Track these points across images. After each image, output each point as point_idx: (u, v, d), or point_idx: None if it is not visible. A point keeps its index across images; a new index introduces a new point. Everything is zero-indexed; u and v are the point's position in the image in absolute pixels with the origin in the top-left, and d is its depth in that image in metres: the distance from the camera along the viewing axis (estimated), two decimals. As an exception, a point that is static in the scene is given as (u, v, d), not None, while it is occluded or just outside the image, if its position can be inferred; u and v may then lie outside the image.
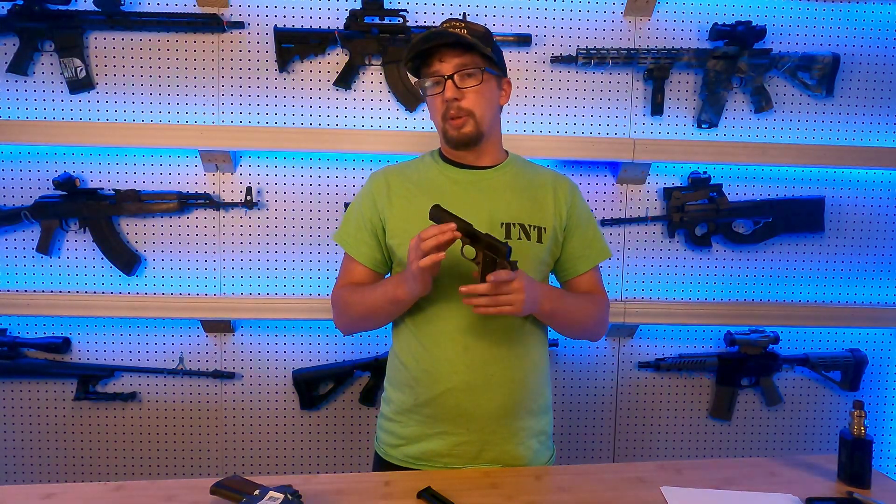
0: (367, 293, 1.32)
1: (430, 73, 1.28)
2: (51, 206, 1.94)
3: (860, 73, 2.12)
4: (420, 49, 1.26)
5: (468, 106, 1.27)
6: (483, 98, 1.29)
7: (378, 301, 1.29)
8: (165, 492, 1.17)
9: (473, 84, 1.27)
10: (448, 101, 1.26)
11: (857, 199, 2.16)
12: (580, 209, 1.40)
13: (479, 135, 1.30)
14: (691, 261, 2.14)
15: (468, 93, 1.27)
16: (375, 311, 1.32)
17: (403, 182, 1.36)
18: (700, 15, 2.07)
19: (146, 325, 2.04)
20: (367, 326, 1.39)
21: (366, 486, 1.20)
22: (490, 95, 1.31)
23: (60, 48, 1.91)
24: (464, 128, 1.28)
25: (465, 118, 1.27)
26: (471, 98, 1.27)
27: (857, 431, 1.23)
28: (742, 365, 2.11)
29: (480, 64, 1.27)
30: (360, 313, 1.34)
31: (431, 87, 1.29)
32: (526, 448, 1.34)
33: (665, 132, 2.09)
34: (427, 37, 1.25)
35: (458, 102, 1.26)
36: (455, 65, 1.26)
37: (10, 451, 2.06)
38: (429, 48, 1.26)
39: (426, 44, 1.25)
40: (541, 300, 1.25)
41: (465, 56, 1.26)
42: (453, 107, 1.27)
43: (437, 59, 1.26)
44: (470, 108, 1.27)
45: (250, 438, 2.10)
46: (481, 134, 1.30)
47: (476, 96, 1.28)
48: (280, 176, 2.03)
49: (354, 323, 1.39)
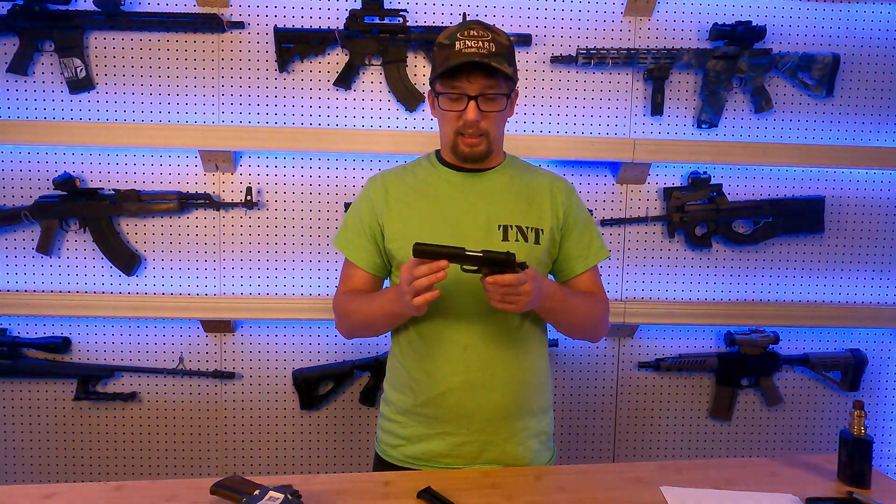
0: (365, 304, 1.32)
1: (453, 85, 1.25)
2: (51, 206, 1.94)
3: (860, 73, 2.12)
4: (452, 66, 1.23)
5: (486, 127, 1.28)
6: (501, 120, 1.31)
7: (375, 313, 1.30)
8: (165, 492, 1.17)
9: (495, 109, 1.27)
10: (468, 121, 1.26)
11: (857, 199, 2.16)
12: (577, 210, 1.40)
13: (489, 152, 1.32)
14: (691, 261, 2.14)
15: (488, 115, 1.27)
16: (373, 323, 1.34)
17: (401, 186, 1.36)
18: (700, 15, 2.07)
19: (146, 325, 2.04)
20: (368, 334, 1.41)
21: (366, 486, 1.20)
22: (505, 116, 1.33)
23: (60, 48, 1.91)
24: (478, 147, 1.29)
25: (481, 138, 1.28)
26: (489, 120, 1.28)
27: (857, 431, 1.23)
28: (742, 365, 2.11)
29: (504, 89, 1.27)
30: (359, 322, 1.35)
31: (451, 100, 1.27)
32: (527, 448, 1.34)
33: (665, 132, 2.09)
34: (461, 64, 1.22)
35: (478, 123, 1.26)
36: (481, 86, 1.24)
37: (10, 451, 2.06)
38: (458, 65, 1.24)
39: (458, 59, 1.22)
40: (546, 298, 1.25)
41: (491, 79, 1.25)
42: (472, 126, 1.26)
43: (466, 75, 1.24)
44: (487, 129, 1.28)
45: (250, 438, 2.10)
46: (491, 151, 1.32)
47: (495, 117, 1.29)
48: (280, 176, 2.03)
49: (355, 330, 1.40)
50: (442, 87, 1.27)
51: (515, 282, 1.12)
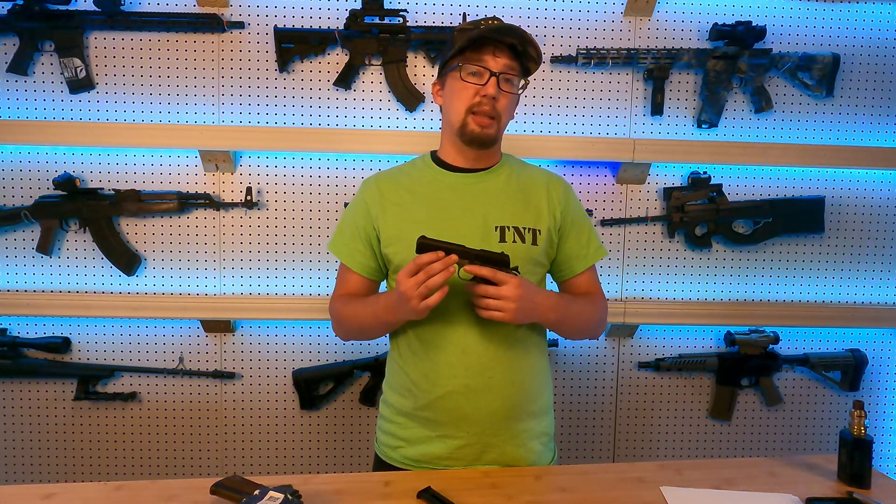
0: (360, 310, 1.32)
1: (476, 59, 1.25)
2: (51, 206, 1.94)
3: (860, 73, 2.12)
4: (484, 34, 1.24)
5: (499, 109, 1.28)
6: (511, 107, 1.31)
7: (369, 321, 1.31)
8: (165, 492, 1.17)
9: (512, 90, 1.28)
10: (486, 96, 1.25)
11: (857, 199, 2.16)
12: (574, 209, 1.39)
13: (495, 139, 1.32)
14: (691, 261, 2.14)
15: (504, 97, 1.27)
16: (367, 330, 1.34)
17: (396, 189, 1.36)
18: (700, 15, 2.07)
19: (146, 325, 2.04)
20: (363, 338, 1.42)
21: (366, 486, 1.20)
22: (514, 107, 1.33)
23: (60, 48, 1.91)
24: (488, 129, 1.28)
25: (493, 121, 1.28)
26: (503, 102, 1.28)
27: (857, 431, 1.23)
28: (742, 365, 2.11)
29: (522, 77, 1.29)
30: (354, 329, 1.36)
31: (471, 75, 1.26)
32: (527, 450, 1.33)
33: (665, 132, 2.09)
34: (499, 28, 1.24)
35: (495, 102, 1.26)
36: (504, 65, 1.26)
37: (10, 451, 2.06)
38: (483, 38, 1.25)
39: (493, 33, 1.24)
40: (544, 311, 1.25)
41: (514, 61, 1.27)
42: (488, 103, 1.26)
43: (492, 51, 1.25)
44: (500, 112, 1.28)
45: (250, 438, 2.10)
46: (496, 139, 1.32)
47: (508, 103, 1.29)
48: (280, 176, 2.03)
49: (350, 335, 1.41)
50: (463, 61, 1.26)
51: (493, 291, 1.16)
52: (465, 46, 1.26)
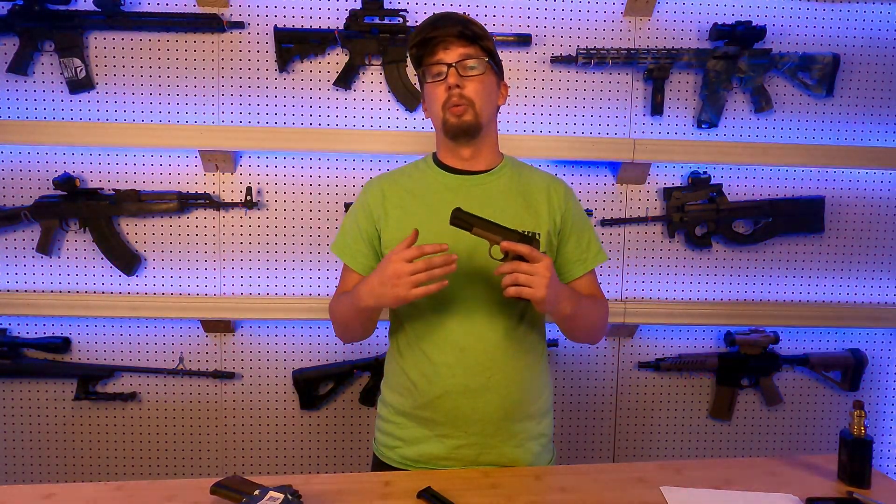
0: (341, 305, 1.33)
1: (433, 61, 1.28)
2: (51, 206, 1.94)
3: (860, 73, 2.12)
4: (426, 35, 1.27)
5: (469, 94, 1.28)
6: (484, 89, 1.30)
7: (349, 313, 1.30)
8: (165, 492, 1.16)
9: (476, 73, 1.28)
10: (450, 87, 1.26)
11: (857, 199, 2.16)
12: (575, 213, 1.39)
13: (478, 125, 1.30)
14: (691, 261, 2.14)
15: (470, 82, 1.27)
16: (348, 323, 1.34)
17: (398, 191, 1.36)
18: (700, 15, 2.07)
19: (146, 325, 2.04)
20: (354, 336, 1.40)
21: (366, 486, 1.20)
22: (490, 89, 1.32)
23: (60, 48, 1.91)
24: (464, 115, 1.28)
25: (465, 106, 1.28)
26: (472, 87, 1.28)
27: (857, 431, 1.23)
28: (742, 365, 2.11)
29: (483, 56, 1.29)
30: (340, 324, 1.37)
31: (434, 75, 1.29)
32: (526, 451, 1.33)
33: (665, 132, 2.09)
34: (434, 21, 1.27)
35: (460, 90, 1.27)
36: (459, 54, 1.27)
37: (10, 451, 2.06)
38: (434, 38, 1.27)
39: (433, 31, 1.26)
40: (564, 299, 1.23)
41: (469, 47, 1.27)
42: (455, 94, 1.27)
43: (442, 48, 1.27)
44: (471, 97, 1.28)
45: (250, 438, 2.10)
46: (480, 125, 1.30)
47: (477, 86, 1.28)
48: (280, 176, 2.03)
49: (339, 331, 1.40)
50: (424, 67, 1.30)
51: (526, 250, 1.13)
52: (420, 54, 1.30)
